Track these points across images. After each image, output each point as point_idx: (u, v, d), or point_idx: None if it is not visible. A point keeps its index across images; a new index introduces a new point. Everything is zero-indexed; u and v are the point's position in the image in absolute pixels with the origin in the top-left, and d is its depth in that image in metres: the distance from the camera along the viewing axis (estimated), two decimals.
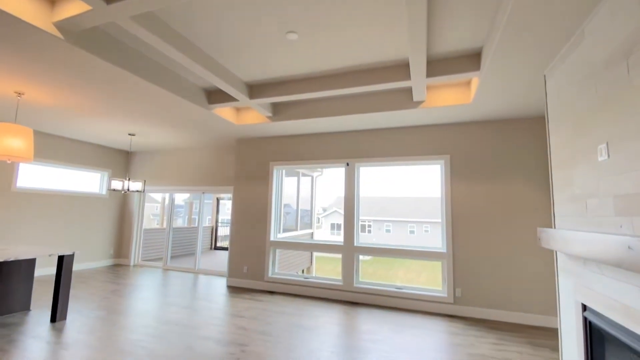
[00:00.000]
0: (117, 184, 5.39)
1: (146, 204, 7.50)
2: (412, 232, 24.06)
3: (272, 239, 5.31)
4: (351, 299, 4.64)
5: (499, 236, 4.05)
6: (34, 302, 4.15)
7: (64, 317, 3.54)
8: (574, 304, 2.32)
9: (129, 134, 5.58)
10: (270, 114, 4.38)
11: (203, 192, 6.76)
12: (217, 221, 11.33)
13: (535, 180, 3.97)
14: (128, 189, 5.53)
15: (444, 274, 4.27)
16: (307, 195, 9.39)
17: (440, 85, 3.69)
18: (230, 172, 6.34)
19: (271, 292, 5.04)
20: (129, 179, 5.54)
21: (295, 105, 4.38)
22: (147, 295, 4.69)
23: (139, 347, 2.94)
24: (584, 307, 2.20)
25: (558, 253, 2.59)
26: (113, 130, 5.35)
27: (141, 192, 5.83)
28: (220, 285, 5.46)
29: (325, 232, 24.55)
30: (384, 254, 4.61)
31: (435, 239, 21.40)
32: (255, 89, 3.83)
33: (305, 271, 8.87)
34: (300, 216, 8.90)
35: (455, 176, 4.33)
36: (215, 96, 4.07)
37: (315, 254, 9.48)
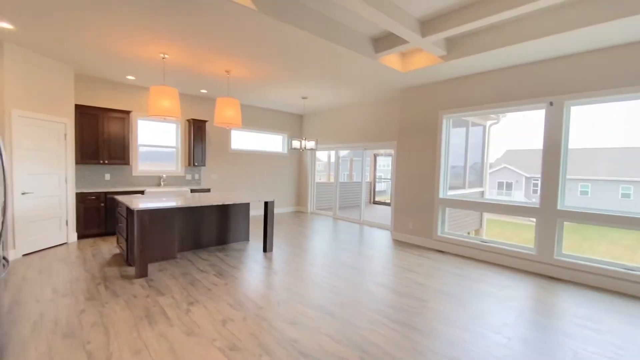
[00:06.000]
0: (296, 144, 6.19)
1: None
2: (626, 195, 17.61)
3: (441, 196, 4.89)
4: (548, 273, 3.78)
5: None
6: (251, 235, 5.46)
7: (271, 249, 4.47)
8: None
9: (302, 97, 6.17)
10: (444, 52, 3.76)
11: (365, 149, 6.91)
12: (374, 177, 11.67)
13: None
14: (305, 148, 6.26)
15: None
16: (477, 148, 8.15)
17: None
18: (391, 127, 6.14)
19: (441, 252, 4.76)
20: (304, 139, 6.23)
21: (475, 35, 3.57)
22: (324, 238, 5.35)
23: (325, 282, 3.35)
24: None
25: None
26: (289, 95, 6.03)
27: (314, 149, 6.49)
28: (384, 237, 5.61)
29: (492, 192, 21.40)
30: (604, 223, 3.41)
31: None
32: (427, 25, 3.31)
33: (473, 233, 8.01)
34: (468, 173, 7.89)
35: None
36: (381, 43, 3.81)
37: (486, 215, 8.36)
